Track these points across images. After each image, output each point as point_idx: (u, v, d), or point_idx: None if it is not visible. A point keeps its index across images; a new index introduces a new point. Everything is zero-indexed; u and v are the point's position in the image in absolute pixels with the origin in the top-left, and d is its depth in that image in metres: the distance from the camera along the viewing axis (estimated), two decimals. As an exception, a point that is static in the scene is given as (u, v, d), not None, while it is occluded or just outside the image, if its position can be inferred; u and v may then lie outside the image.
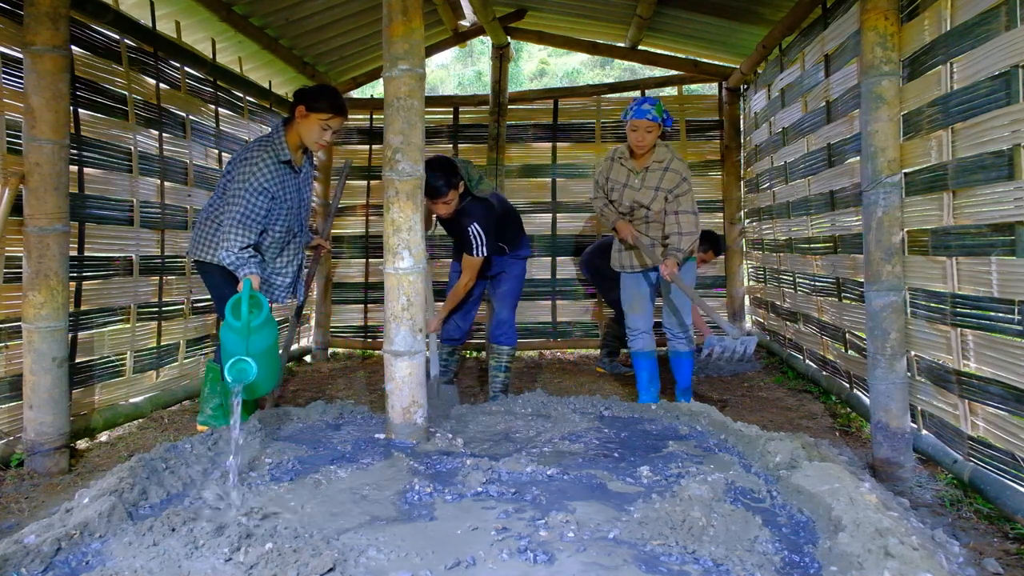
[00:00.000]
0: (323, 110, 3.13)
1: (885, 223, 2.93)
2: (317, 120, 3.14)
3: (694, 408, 3.23)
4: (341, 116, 3.20)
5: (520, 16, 5.85)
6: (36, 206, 3.02)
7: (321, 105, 3.13)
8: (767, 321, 5.79)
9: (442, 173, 3.52)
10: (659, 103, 3.69)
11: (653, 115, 3.64)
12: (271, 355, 2.88)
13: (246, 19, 4.70)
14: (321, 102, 3.14)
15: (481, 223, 3.68)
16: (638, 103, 3.70)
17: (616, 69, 16.91)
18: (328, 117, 3.15)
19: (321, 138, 3.19)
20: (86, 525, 1.89)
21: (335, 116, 3.17)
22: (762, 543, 1.85)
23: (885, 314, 2.94)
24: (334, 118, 3.17)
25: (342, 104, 3.21)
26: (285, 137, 3.20)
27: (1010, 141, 2.31)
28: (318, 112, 3.13)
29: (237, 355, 2.61)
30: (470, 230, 3.66)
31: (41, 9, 2.97)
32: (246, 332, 2.71)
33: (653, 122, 3.64)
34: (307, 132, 3.17)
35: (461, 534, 1.94)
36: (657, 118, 3.65)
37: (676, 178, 3.72)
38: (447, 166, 3.57)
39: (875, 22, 2.90)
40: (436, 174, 3.48)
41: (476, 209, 3.71)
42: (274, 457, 2.58)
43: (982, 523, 2.43)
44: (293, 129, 3.21)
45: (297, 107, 3.16)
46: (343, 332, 6.48)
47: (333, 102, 3.17)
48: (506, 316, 3.99)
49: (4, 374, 3.16)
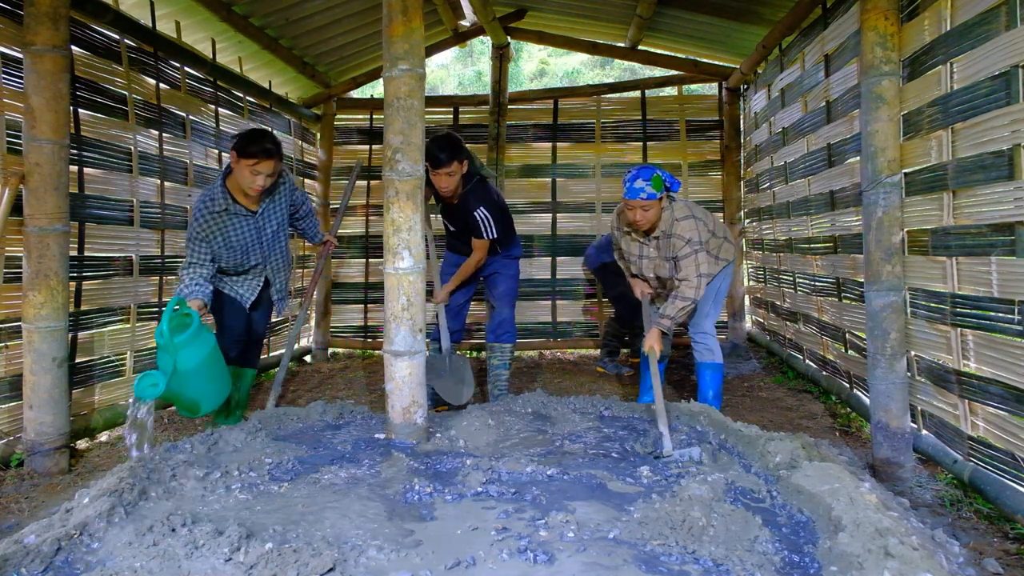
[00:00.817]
0: (251, 155, 3.13)
1: (885, 223, 2.93)
2: (246, 165, 3.15)
3: (694, 408, 3.23)
4: (270, 160, 3.17)
5: (520, 16, 5.85)
6: (36, 206, 3.02)
7: (250, 150, 3.13)
8: (767, 321, 5.79)
9: (446, 144, 3.56)
10: (656, 174, 3.32)
11: (648, 193, 3.30)
12: (207, 371, 2.92)
13: (246, 19, 4.70)
14: (250, 147, 3.13)
15: (487, 207, 3.71)
16: (631, 178, 3.35)
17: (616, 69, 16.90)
18: (255, 162, 3.14)
19: (254, 183, 3.18)
20: (86, 525, 1.89)
21: (262, 160, 3.15)
22: (762, 543, 1.85)
23: (885, 314, 2.94)
24: (261, 162, 3.15)
25: (271, 148, 3.18)
26: (226, 184, 3.25)
27: (1010, 141, 2.31)
28: (246, 158, 3.14)
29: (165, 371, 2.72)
30: (477, 215, 3.69)
31: (41, 9, 2.97)
32: (172, 349, 2.78)
33: (650, 200, 3.31)
34: (240, 177, 3.19)
35: (461, 534, 1.94)
36: (654, 195, 3.30)
37: (678, 243, 3.43)
38: (452, 139, 3.62)
39: (875, 22, 2.90)
40: (439, 144, 3.54)
41: (480, 192, 3.75)
42: (274, 457, 2.58)
43: (982, 523, 2.43)
44: (233, 175, 3.25)
45: (231, 152, 3.18)
46: (343, 332, 6.48)
47: (261, 146, 3.15)
48: (507, 315, 4.01)
49: (4, 374, 3.16)
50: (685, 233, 3.40)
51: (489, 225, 3.71)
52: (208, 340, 2.97)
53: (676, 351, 5.28)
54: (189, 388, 2.86)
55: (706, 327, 3.73)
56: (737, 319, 6.19)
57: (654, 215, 3.40)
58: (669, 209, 3.47)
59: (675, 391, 4.50)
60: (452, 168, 3.58)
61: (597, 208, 6.28)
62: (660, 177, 3.34)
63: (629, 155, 6.29)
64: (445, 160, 3.55)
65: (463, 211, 3.75)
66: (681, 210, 3.47)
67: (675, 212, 3.46)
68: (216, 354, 3.02)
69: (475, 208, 3.69)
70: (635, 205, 3.36)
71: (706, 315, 3.73)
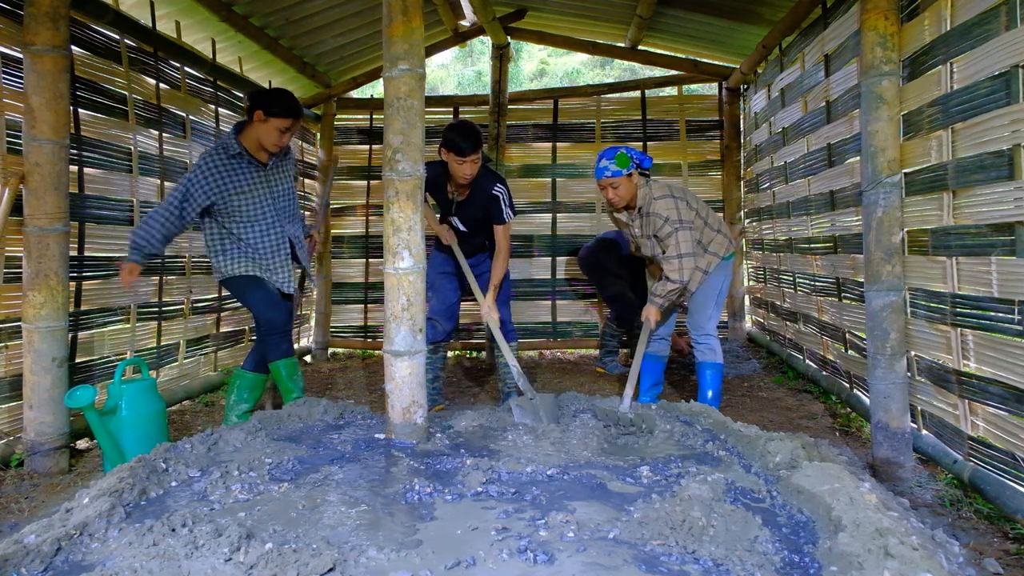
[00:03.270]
0: (280, 115, 3.32)
1: (885, 223, 2.93)
2: (276, 124, 3.32)
3: (694, 408, 3.23)
4: (297, 119, 3.39)
5: (520, 16, 5.85)
6: (36, 206, 3.02)
7: (277, 110, 3.31)
8: (767, 321, 5.79)
9: (470, 131, 3.59)
10: (620, 152, 3.47)
11: (612, 171, 3.45)
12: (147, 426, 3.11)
13: (246, 19, 4.70)
14: (277, 106, 3.32)
15: (502, 183, 3.75)
16: (598, 159, 3.53)
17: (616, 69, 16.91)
18: (288, 123, 3.34)
19: (280, 140, 3.37)
20: (86, 525, 1.89)
21: (293, 120, 3.36)
22: (762, 543, 1.85)
23: (885, 314, 2.94)
24: (294, 122, 3.37)
25: (298, 108, 3.41)
26: (237, 138, 3.37)
27: (1010, 141, 2.30)
28: (276, 117, 3.31)
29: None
30: (496, 191, 3.70)
31: (41, 9, 2.97)
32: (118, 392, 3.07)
33: (615, 177, 3.46)
34: (265, 135, 3.34)
35: (461, 534, 1.94)
36: (619, 172, 3.45)
37: (658, 221, 3.48)
38: (473, 126, 3.65)
39: (875, 22, 2.90)
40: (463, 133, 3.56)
41: (491, 171, 3.80)
42: (274, 457, 2.58)
43: (982, 523, 2.43)
44: (250, 131, 3.37)
45: (255, 111, 3.31)
46: (343, 332, 6.48)
47: (290, 106, 3.36)
48: (504, 314, 3.99)
49: (4, 374, 3.16)
50: (662, 212, 3.47)
51: (508, 202, 3.73)
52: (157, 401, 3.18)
53: (674, 351, 5.28)
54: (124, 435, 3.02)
55: (708, 328, 3.72)
56: (737, 319, 6.19)
57: (625, 191, 3.51)
58: (646, 187, 3.55)
59: (675, 391, 4.50)
60: (477, 155, 3.60)
61: (597, 208, 6.27)
62: (625, 154, 3.47)
63: (629, 155, 6.29)
64: (471, 148, 3.56)
65: (479, 195, 3.73)
66: (659, 189, 3.55)
67: (653, 191, 3.53)
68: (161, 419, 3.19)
69: (493, 186, 3.70)
70: (604, 184, 3.51)
71: (708, 317, 3.72)
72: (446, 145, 3.59)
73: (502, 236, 3.77)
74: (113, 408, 3.02)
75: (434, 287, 3.96)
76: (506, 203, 3.72)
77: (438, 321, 3.95)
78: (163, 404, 3.21)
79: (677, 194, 3.54)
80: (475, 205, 3.78)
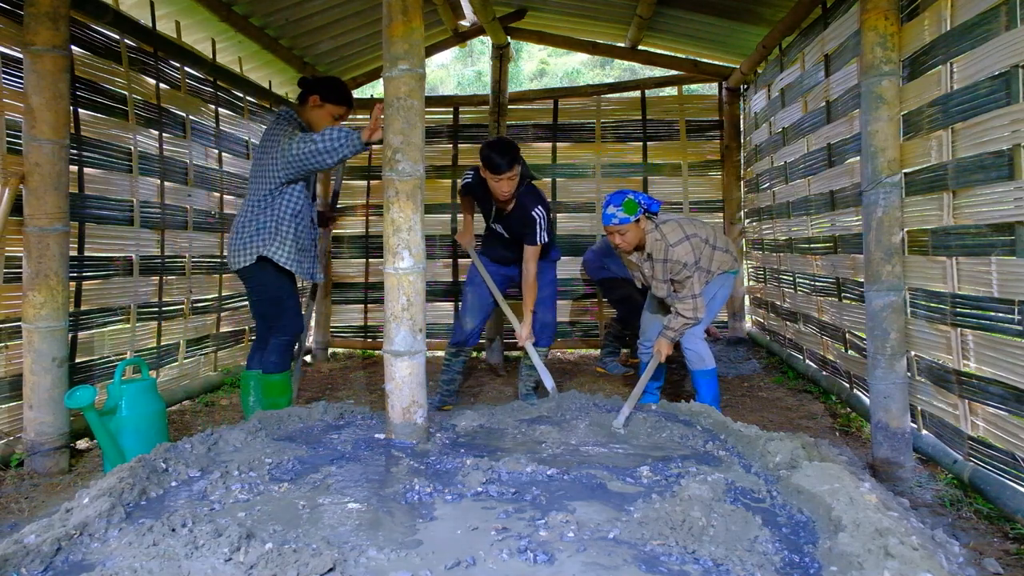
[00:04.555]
0: (338, 102, 3.37)
1: (885, 223, 2.93)
2: (331, 111, 3.36)
3: (694, 408, 3.23)
4: (350, 108, 3.46)
5: (520, 16, 5.85)
6: (36, 206, 3.02)
7: (335, 97, 3.36)
8: (767, 321, 5.79)
9: (506, 148, 3.59)
10: (627, 198, 3.39)
11: (620, 217, 3.39)
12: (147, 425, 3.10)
13: (246, 19, 4.71)
14: (335, 94, 3.36)
15: (543, 206, 3.74)
16: (604, 205, 3.45)
17: (616, 69, 16.91)
18: (342, 111, 3.39)
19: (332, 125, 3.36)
20: (86, 525, 1.89)
21: (347, 109, 3.42)
22: (762, 543, 1.84)
23: (885, 314, 2.94)
24: (346, 110, 3.42)
25: (352, 98, 3.49)
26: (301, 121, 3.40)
27: (1010, 141, 2.31)
28: (334, 104, 3.36)
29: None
30: (535, 214, 3.70)
31: (41, 9, 2.97)
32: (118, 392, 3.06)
33: (623, 224, 3.40)
34: (318, 121, 3.37)
35: (461, 534, 1.94)
36: (627, 219, 3.38)
37: (676, 267, 3.46)
38: (509, 143, 3.66)
39: (875, 22, 2.90)
40: (498, 150, 3.57)
41: (535, 193, 3.80)
42: (274, 457, 2.58)
43: (982, 523, 2.43)
44: (302, 115, 3.40)
45: (312, 96, 3.34)
46: (343, 332, 6.48)
47: (347, 95, 3.41)
48: (550, 318, 4.00)
49: (4, 374, 3.16)
50: (682, 258, 3.43)
51: (544, 227, 3.72)
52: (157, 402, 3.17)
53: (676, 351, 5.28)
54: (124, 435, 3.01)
55: (695, 331, 3.67)
56: (737, 319, 6.19)
57: (632, 237, 3.47)
58: (656, 231, 3.47)
59: (675, 391, 4.50)
60: (513, 172, 3.59)
61: (597, 208, 6.27)
62: (632, 201, 3.40)
63: (629, 155, 6.30)
64: (507, 165, 3.55)
65: (520, 214, 3.74)
66: (672, 233, 3.45)
67: (667, 236, 3.44)
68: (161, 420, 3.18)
69: (533, 207, 3.70)
70: (612, 231, 3.48)
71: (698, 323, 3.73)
72: (483, 162, 3.60)
73: (531, 255, 3.77)
74: (113, 408, 3.02)
75: (473, 284, 4.02)
76: (543, 227, 3.72)
77: (468, 320, 3.97)
78: (163, 404, 3.22)
79: (689, 231, 3.48)
80: (516, 219, 3.80)
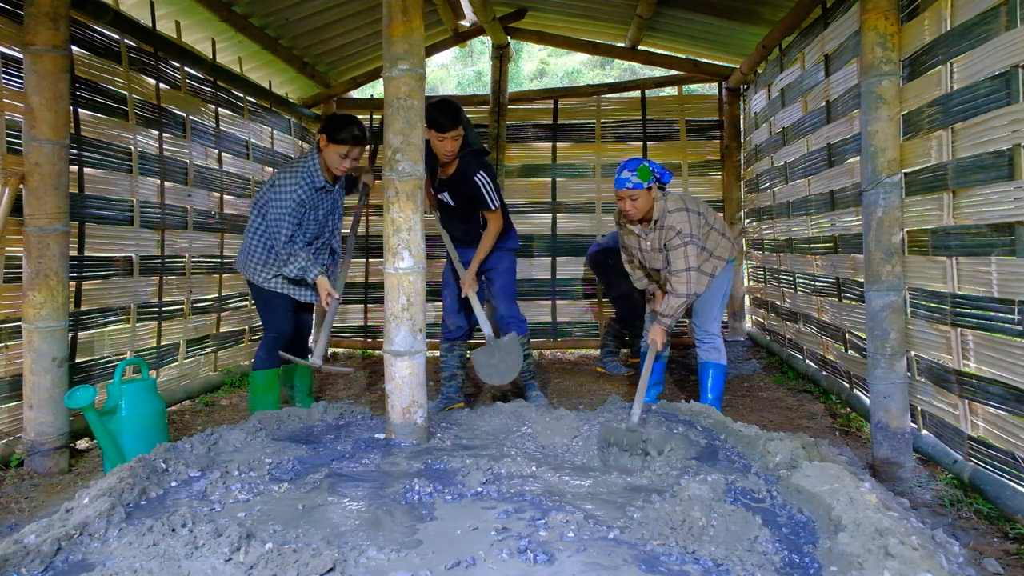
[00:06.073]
0: (343, 142, 3.42)
1: (885, 223, 2.93)
2: (336, 150, 3.43)
3: (694, 408, 3.23)
4: (360, 146, 3.49)
5: (520, 16, 5.85)
6: (36, 206, 3.02)
7: (341, 137, 3.42)
8: (767, 321, 5.79)
9: (449, 109, 3.61)
10: (643, 165, 3.41)
11: (634, 182, 3.38)
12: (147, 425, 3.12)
13: (246, 19, 4.70)
14: (341, 134, 3.42)
15: (485, 171, 3.74)
16: (619, 169, 3.47)
17: (616, 69, 16.90)
18: (348, 149, 3.43)
19: (341, 165, 3.48)
20: (86, 525, 1.89)
21: (353, 147, 3.45)
22: (762, 543, 1.85)
23: (885, 314, 2.94)
24: (353, 148, 3.45)
25: (361, 135, 3.48)
26: (319, 163, 3.49)
27: (1010, 141, 2.30)
28: (337, 144, 3.42)
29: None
30: (477, 179, 3.70)
31: (41, 9, 2.97)
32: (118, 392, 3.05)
33: (636, 189, 3.39)
34: (329, 158, 3.47)
35: (461, 534, 1.94)
36: (640, 184, 3.38)
37: (670, 233, 3.45)
38: (452, 103, 3.69)
39: (875, 22, 2.90)
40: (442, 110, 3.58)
41: (477, 158, 3.79)
42: (274, 457, 2.58)
43: (982, 523, 2.43)
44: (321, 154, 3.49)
45: (320, 136, 3.43)
46: (343, 332, 6.48)
47: (352, 134, 3.43)
48: (506, 310, 3.99)
49: (4, 374, 3.16)
50: (676, 224, 3.44)
51: (491, 191, 3.74)
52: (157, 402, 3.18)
53: (676, 351, 5.29)
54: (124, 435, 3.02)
55: (712, 328, 3.72)
56: (737, 319, 6.19)
57: (643, 204, 3.45)
58: (662, 200, 3.51)
59: (675, 391, 4.50)
60: (456, 132, 3.61)
61: (597, 208, 6.28)
62: (647, 167, 3.43)
63: (629, 155, 6.28)
64: (450, 124, 3.57)
65: (461, 178, 3.75)
66: (674, 202, 3.51)
67: (668, 203, 3.50)
68: (161, 420, 3.19)
69: (475, 172, 3.70)
70: (624, 195, 3.44)
71: (713, 318, 3.72)
72: (427, 122, 3.57)
73: (491, 218, 3.83)
74: (113, 408, 3.02)
75: (448, 285, 4.03)
76: (489, 192, 3.73)
77: (449, 319, 3.98)
78: (163, 404, 3.22)
79: (691, 207, 3.52)
80: (458, 184, 3.80)
